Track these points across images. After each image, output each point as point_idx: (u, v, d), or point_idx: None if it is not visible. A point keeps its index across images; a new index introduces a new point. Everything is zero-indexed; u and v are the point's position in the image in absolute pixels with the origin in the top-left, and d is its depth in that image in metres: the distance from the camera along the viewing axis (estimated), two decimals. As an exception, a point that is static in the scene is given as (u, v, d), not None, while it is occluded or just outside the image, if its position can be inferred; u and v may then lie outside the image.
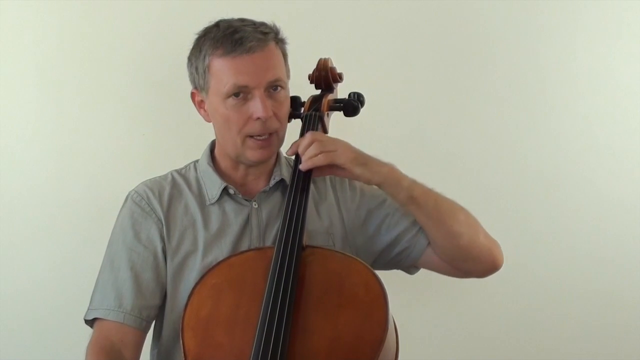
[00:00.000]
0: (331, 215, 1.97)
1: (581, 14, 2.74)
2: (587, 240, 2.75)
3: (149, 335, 1.92)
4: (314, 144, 1.85)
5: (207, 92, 1.90)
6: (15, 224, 2.47)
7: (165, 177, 1.99)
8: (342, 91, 2.08)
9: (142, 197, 1.93)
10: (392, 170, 1.87)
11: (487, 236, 1.94)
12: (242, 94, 1.85)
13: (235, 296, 1.74)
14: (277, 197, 1.96)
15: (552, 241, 2.74)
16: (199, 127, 2.09)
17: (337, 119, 2.06)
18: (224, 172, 1.97)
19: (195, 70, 1.91)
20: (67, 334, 2.28)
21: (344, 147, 1.86)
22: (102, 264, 1.92)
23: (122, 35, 2.53)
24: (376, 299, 1.71)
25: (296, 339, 1.67)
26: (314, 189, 1.99)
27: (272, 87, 1.86)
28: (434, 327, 2.69)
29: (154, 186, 1.95)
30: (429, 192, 1.89)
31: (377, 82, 2.51)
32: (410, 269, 2.02)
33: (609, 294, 2.75)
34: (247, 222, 1.92)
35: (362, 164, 1.84)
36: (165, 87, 2.52)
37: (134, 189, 1.96)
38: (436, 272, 1.99)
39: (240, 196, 1.94)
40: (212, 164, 1.97)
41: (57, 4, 2.49)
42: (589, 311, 2.75)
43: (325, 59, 2.04)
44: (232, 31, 1.85)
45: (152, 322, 1.92)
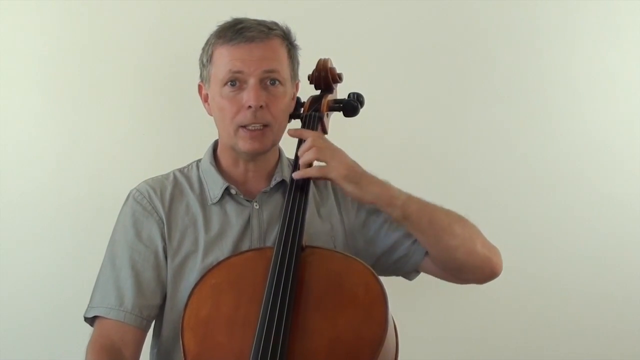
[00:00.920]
0: (332, 217, 1.98)
1: (581, 14, 2.74)
2: (586, 240, 2.75)
3: (149, 334, 1.93)
4: (311, 150, 1.85)
5: (209, 82, 1.92)
6: (15, 223, 2.47)
7: (167, 176, 2.00)
8: (341, 91, 2.08)
9: (144, 196, 1.93)
10: (385, 188, 1.86)
11: (485, 245, 1.93)
12: (237, 82, 1.86)
13: (235, 296, 1.75)
14: (278, 198, 1.96)
15: (551, 242, 2.74)
16: (199, 127, 2.10)
17: (337, 120, 2.06)
18: (225, 170, 1.97)
19: (201, 63, 1.95)
20: (67, 334, 2.27)
21: (339, 160, 1.85)
22: (103, 262, 1.92)
23: (122, 35, 2.52)
24: (376, 299, 1.72)
25: (296, 339, 1.67)
26: (315, 192, 1.99)
27: (269, 79, 1.87)
28: (434, 327, 2.68)
29: (156, 185, 1.96)
30: (423, 209, 1.88)
31: (376, 83, 2.51)
32: (409, 275, 2.02)
33: (608, 294, 2.75)
34: (248, 223, 1.92)
35: (354, 182, 1.84)
36: (166, 87, 2.52)
37: (135, 187, 1.96)
38: (436, 277, 1.99)
39: (241, 196, 1.94)
40: (214, 163, 1.97)
41: (57, 4, 2.49)
42: (589, 311, 2.75)
43: (324, 59, 2.04)
44: (236, 23, 1.89)
45: (153, 321, 1.92)
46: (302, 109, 2.01)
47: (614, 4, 2.74)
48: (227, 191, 1.94)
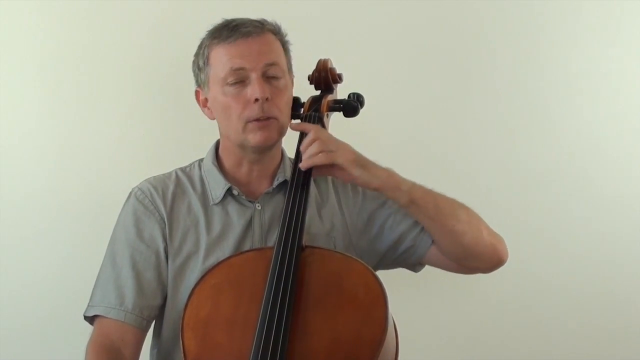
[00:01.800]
0: (333, 218, 1.98)
1: (581, 14, 2.74)
2: (586, 240, 2.75)
3: (149, 334, 1.93)
4: (315, 142, 1.85)
5: (208, 84, 1.91)
6: (15, 223, 2.47)
7: (169, 175, 1.99)
8: (341, 92, 2.08)
9: (146, 195, 1.93)
10: (390, 174, 1.87)
11: (490, 232, 1.94)
12: (239, 79, 1.86)
13: (235, 296, 1.74)
14: (280, 198, 1.95)
15: (551, 241, 2.74)
16: (199, 127, 2.10)
17: (337, 120, 2.06)
18: (228, 171, 1.97)
19: (197, 67, 1.94)
20: (67, 333, 2.28)
21: (345, 148, 1.85)
22: (104, 261, 1.92)
23: (122, 35, 2.52)
24: (376, 299, 1.71)
25: (296, 339, 1.67)
26: (316, 192, 1.99)
27: (270, 74, 1.87)
28: (433, 327, 2.69)
29: (158, 184, 1.95)
30: (429, 194, 1.89)
31: (376, 83, 2.52)
32: (415, 267, 2.03)
33: (608, 294, 2.75)
34: (249, 224, 1.92)
35: (361, 166, 1.84)
36: (165, 87, 2.52)
37: (137, 186, 1.96)
38: (442, 269, 2.00)
39: (243, 197, 1.94)
40: (216, 163, 1.97)
41: (57, 3, 2.49)
42: (589, 311, 2.75)
43: (324, 60, 2.03)
44: (229, 22, 1.90)
45: (153, 321, 1.92)
46: (302, 109, 2.01)
47: (614, 3, 2.74)
48: (229, 192, 1.94)
